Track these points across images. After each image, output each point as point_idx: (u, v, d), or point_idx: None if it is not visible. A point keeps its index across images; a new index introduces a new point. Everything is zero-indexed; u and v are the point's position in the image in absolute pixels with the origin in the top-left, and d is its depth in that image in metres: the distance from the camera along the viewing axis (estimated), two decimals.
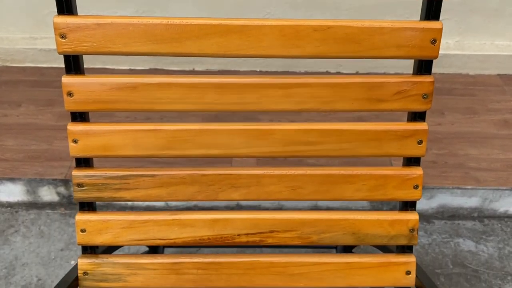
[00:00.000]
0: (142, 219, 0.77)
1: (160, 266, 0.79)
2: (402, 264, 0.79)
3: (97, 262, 0.79)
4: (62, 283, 0.75)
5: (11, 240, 1.48)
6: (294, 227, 0.78)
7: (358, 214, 0.78)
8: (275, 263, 0.79)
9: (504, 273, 1.41)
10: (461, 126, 1.67)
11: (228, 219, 0.78)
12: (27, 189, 1.53)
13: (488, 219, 1.54)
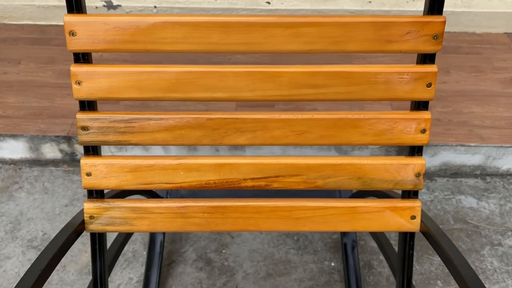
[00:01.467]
0: (147, 163, 0.77)
1: (166, 210, 0.79)
2: (407, 209, 0.79)
3: (103, 206, 0.79)
4: (68, 227, 0.75)
5: (16, 196, 1.49)
6: (299, 172, 0.78)
7: (364, 159, 0.78)
8: (280, 207, 0.79)
9: (505, 228, 1.43)
10: (466, 84, 1.65)
11: (234, 164, 0.78)
12: (29, 146, 1.53)
13: (491, 176, 1.54)
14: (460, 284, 0.66)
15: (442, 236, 0.74)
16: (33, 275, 0.62)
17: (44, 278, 0.65)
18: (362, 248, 1.37)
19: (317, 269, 1.32)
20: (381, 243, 0.99)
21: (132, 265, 1.32)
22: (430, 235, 0.76)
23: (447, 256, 0.70)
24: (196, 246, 1.37)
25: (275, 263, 1.33)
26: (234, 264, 1.33)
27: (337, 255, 1.35)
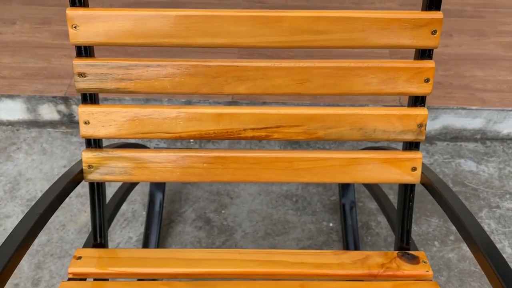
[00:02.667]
0: (146, 112, 0.76)
1: (166, 160, 0.78)
2: (408, 160, 0.79)
3: (102, 155, 0.78)
4: (67, 175, 0.75)
5: (14, 157, 1.49)
6: (300, 122, 0.77)
7: (366, 109, 0.77)
8: (281, 158, 0.79)
9: (503, 191, 1.43)
10: (469, 48, 1.63)
11: (234, 114, 0.76)
12: (27, 106, 1.51)
13: (491, 141, 1.54)
14: (463, 233, 0.66)
15: (444, 187, 0.73)
16: (32, 218, 0.62)
17: (43, 222, 0.64)
18: (360, 210, 1.38)
19: (315, 229, 1.33)
20: (380, 198, 0.99)
21: (131, 224, 1.33)
22: (431, 186, 0.76)
23: (450, 206, 0.70)
24: (196, 207, 1.38)
25: (273, 223, 1.34)
26: (233, 224, 1.34)
27: (335, 216, 1.36)
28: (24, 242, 0.60)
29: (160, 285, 0.75)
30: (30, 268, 1.24)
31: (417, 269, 0.79)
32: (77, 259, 0.79)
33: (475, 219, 0.67)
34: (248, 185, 1.43)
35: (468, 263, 1.27)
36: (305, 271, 0.78)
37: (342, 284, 0.76)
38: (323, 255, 0.81)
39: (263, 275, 0.78)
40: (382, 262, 0.79)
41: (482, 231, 0.64)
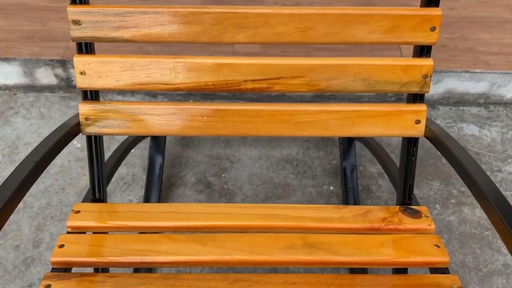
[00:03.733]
0: (144, 62, 0.74)
1: (165, 112, 0.77)
2: (412, 113, 0.77)
3: (99, 107, 0.77)
4: (63, 127, 0.73)
5: (12, 121, 1.47)
6: (302, 73, 0.75)
7: (369, 59, 0.75)
8: (282, 111, 0.77)
9: (505, 155, 1.42)
10: (474, 11, 1.59)
11: (234, 64, 0.74)
12: (23, 70, 1.48)
13: (494, 105, 1.52)
14: (470, 184, 0.65)
15: (449, 139, 0.72)
16: (28, 165, 0.61)
17: (39, 171, 0.63)
18: (361, 173, 1.37)
19: (315, 192, 1.32)
20: (381, 157, 0.98)
21: (131, 187, 1.32)
22: (436, 139, 0.75)
23: (455, 157, 0.68)
24: (196, 170, 1.37)
25: (274, 186, 1.33)
26: (234, 187, 1.33)
27: (336, 180, 1.35)
28: (19, 189, 0.59)
29: (160, 237, 0.74)
30: (31, 230, 1.24)
31: (419, 223, 0.78)
32: (76, 213, 0.78)
33: (483, 171, 0.66)
34: (249, 149, 1.42)
35: (469, 226, 1.27)
36: (305, 225, 0.77)
37: (343, 237, 0.75)
38: (324, 209, 0.80)
39: (263, 229, 0.77)
40: (383, 216, 0.79)
41: (491, 183, 0.63)
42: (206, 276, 0.70)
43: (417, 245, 0.74)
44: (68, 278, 0.69)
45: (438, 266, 0.73)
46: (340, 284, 0.68)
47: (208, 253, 0.72)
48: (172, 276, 0.69)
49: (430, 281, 0.69)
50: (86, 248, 0.72)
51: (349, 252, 0.73)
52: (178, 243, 0.73)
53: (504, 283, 1.18)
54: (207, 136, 0.81)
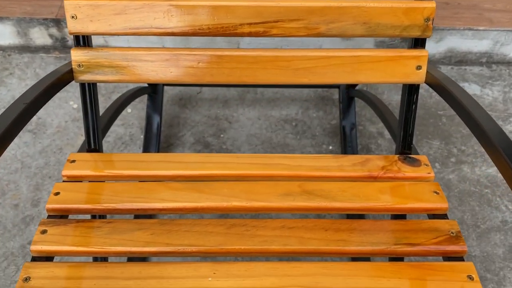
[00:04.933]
0: (136, 5, 0.72)
1: (159, 58, 0.75)
2: (413, 58, 0.75)
3: (92, 53, 0.75)
4: (56, 72, 0.71)
5: (7, 82, 1.45)
6: (301, 16, 0.72)
7: (370, 1, 0.72)
8: (280, 57, 0.75)
9: (507, 114, 1.40)
10: None
11: (230, 6, 0.72)
12: (17, 30, 1.45)
13: (496, 64, 1.50)
14: (476, 131, 0.63)
15: (452, 84, 0.70)
16: (19, 107, 0.59)
17: (29, 114, 0.62)
18: (360, 133, 1.36)
19: (314, 152, 1.31)
20: (380, 108, 0.97)
21: (129, 147, 1.31)
22: (439, 85, 0.73)
23: (459, 102, 0.67)
24: (194, 131, 1.36)
25: (272, 146, 1.32)
26: (232, 147, 1.32)
27: (335, 139, 1.34)
28: (8, 130, 0.57)
29: (157, 185, 0.74)
30: (29, 190, 1.24)
31: (418, 171, 0.77)
32: (71, 162, 0.77)
33: (488, 115, 0.64)
34: (247, 109, 1.40)
35: (468, 184, 1.27)
36: (303, 173, 0.77)
37: (341, 184, 0.74)
38: (323, 158, 0.79)
39: (260, 177, 0.76)
40: (382, 165, 0.78)
41: (497, 127, 0.61)
42: (203, 222, 0.69)
43: (415, 191, 0.73)
44: (64, 224, 0.68)
45: (436, 212, 0.72)
46: (337, 228, 0.68)
47: (205, 200, 0.72)
48: (169, 222, 0.69)
49: (428, 226, 0.69)
50: (82, 195, 0.72)
51: (347, 198, 0.72)
52: (175, 191, 0.73)
53: (502, 239, 1.18)
54: (203, 84, 0.79)
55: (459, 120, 1.39)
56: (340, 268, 0.63)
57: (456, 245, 0.67)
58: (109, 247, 0.65)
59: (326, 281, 0.62)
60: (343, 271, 0.63)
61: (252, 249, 0.66)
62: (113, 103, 0.99)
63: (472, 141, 1.35)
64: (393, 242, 0.67)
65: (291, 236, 0.67)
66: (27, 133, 1.34)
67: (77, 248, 0.65)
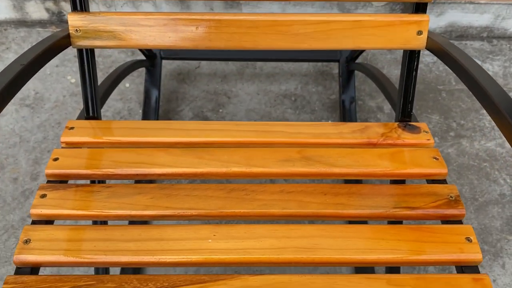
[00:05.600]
0: None
1: (157, 23, 0.74)
2: (414, 23, 0.75)
3: (89, 18, 0.74)
4: (52, 37, 0.70)
5: (4, 57, 1.44)
6: None
7: None
8: (279, 22, 0.74)
9: (507, 89, 1.40)
10: None
11: None
12: (13, 4, 1.43)
13: (497, 39, 1.48)
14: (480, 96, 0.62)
15: (454, 49, 0.69)
16: (15, 68, 0.59)
17: (26, 76, 0.61)
18: (360, 108, 1.35)
19: None
20: (379, 78, 0.96)
21: None
22: (440, 50, 0.72)
23: (462, 66, 0.66)
24: (193, 106, 1.35)
25: (271, 121, 1.32)
26: None
27: (334, 114, 1.34)
28: (5, 91, 0.57)
29: (156, 151, 0.73)
30: (28, 164, 1.24)
31: (418, 138, 0.77)
32: (70, 129, 0.77)
33: (493, 80, 0.63)
34: (246, 84, 1.40)
35: (467, 158, 1.27)
36: (303, 140, 0.76)
37: (340, 150, 0.74)
38: (322, 125, 0.79)
39: (260, 144, 0.76)
40: (382, 132, 0.78)
41: (501, 90, 0.61)
42: (203, 186, 0.69)
43: (415, 157, 0.73)
44: (63, 188, 0.68)
45: (436, 177, 0.72)
46: (336, 193, 0.68)
47: (204, 165, 0.72)
48: (168, 186, 0.69)
49: (427, 190, 0.69)
50: (81, 161, 0.72)
51: (346, 164, 0.72)
52: (174, 156, 0.73)
53: (499, 211, 1.19)
54: (201, 49, 0.78)
55: (459, 95, 1.38)
56: (339, 230, 0.64)
57: (455, 208, 0.67)
58: (108, 210, 0.66)
59: (324, 242, 0.62)
60: (342, 233, 0.63)
61: (252, 213, 0.66)
62: (111, 74, 0.99)
63: (471, 116, 1.35)
64: (392, 206, 0.67)
65: (290, 200, 0.67)
66: (25, 108, 1.34)
67: (77, 212, 0.66)
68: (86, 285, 0.58)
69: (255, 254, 0.61)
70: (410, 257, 0.62)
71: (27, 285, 0.58)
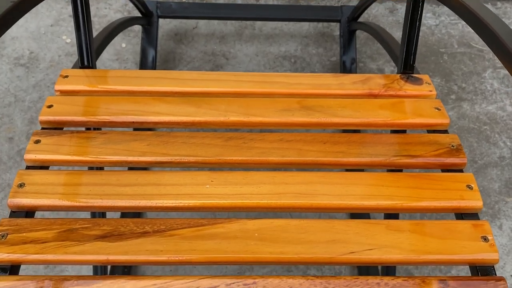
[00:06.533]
0: None
1: None
2: None
3: None
4: None
5: None
6: None
7: None
8: None
9: None
10: None
11: None
12: None
13: (502, 2, 1.45)
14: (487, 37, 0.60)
15: None
16: (6, 4, 0.57)
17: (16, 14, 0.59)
18: (361, 70, 1.33)
19: None
20: (381, 34, 0.94)
21: None
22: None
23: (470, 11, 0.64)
24: (190, 67, 1.33)
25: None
26: None
27: None
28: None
29: (153, 100, 0.72)
30: (23, 123, 1.22)
31: (420, 89, 0.76)
32: (64, 77, 0.75)
33: (500, 19, 0.61)
34: (245, 45, 1.37)
35: (467, 121, 1.26)
36: (303, 91, 0.75)
37: (340, 101, 0.73)
38: (322, 77, 0.78)
39: (259, 95, 0.75)
40: (384, 83, 0.76)
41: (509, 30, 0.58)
42: (200, 134, 0.68)
43: (416, 108, 0.72)
44: (58, 134, 0.67)
45: (437, 128, 0.71)
46: (336, 141, 0.67)
47: (202, 114, 0.70)
48: (165, 134, 0.68)
49: (429, 139, 0.68)
50: (76, 108, 0.70)
51: (347, 114, 0.71)
52: (171, 105, 0.71)
53: (498, 174, 1.19)
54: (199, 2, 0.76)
55: (461, 58, 1.36)
56: (338, 177, 0.63)
57: (456, 157, 0.66)
58: (104, 156, 0.64)
59: (323, 189, 0.62)
60: (341, 179, 0.63)
61: (250, 160, 0.65)
62: (106, 27, 0.96)
63: (473, 79, 1.33)
64: (392, 154, 0.66)
65: (289, 148, 0.66)
66: (20, 67, 1.31)
67: (72, 158, 0.64)
68: (82, 227, 0.57)
69: (253, 199, 0.61)
70: (410, 203, 0.61)
71: (22, 227, 0.57)
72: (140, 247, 0.55)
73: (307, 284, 0.53)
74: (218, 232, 0.57)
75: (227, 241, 0.56)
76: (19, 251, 0.55)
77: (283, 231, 0.58)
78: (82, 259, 0.55)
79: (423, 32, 1.39)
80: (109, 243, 0.56)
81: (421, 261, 0.56)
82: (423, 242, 0.57)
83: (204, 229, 0.57)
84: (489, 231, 0.58)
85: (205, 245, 0.56)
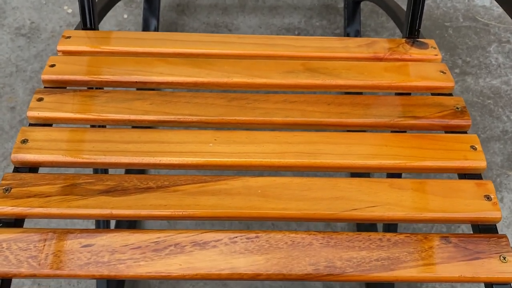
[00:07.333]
0: None
1: None
2: None
3: None
4: None
5: None
6: None
7: None
8: None
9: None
10: None
11: None
12: None
13: None
14: None
15: None
16: None
17: None
18: None
19: None
20: (386, 2, 0.93)
21: None
22: None
23: None
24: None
25: None
26: None
27: None
28: None
29: (156, 60, 0.71)
30: (25, 93, 1.22)
31: (426, 54, 0.75)
32: (66, 38, 0.74)
33: None
34: (248, 17, 1.35)
35: (471, 95, 1.25)
36: (307, 54, 0.74)
37: (345, 63, 0.72)
38: (327, 40, 0.77)
39: (263, 57, 0.74)
40: (389, 47, 0.75)
41: None
42: (204, 94, 0.68)
43: (421, 71, 0.72)
44: (61, 93, 0.67)
45: (442, 91, 0.71)
46: (340, 103, 0.67)
47: (205, 75, 0.70)
48: (169, 93, 0.67)
49: (433, 101, 0.68)
50: (79, 67, 0.70)
51: (351, 76, 0.70)
52: (174, 66, 0.71)
53: (501, 147, 1.18)
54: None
55: (466, 32, 1.35)
56: (341, 137, 0.63)
57: (461, 119, 0.66)
58: (107, 114, 0.64)
59: (327, 148, 0.61)
60: (344, 139, 0.62)
61: (254, 120, 0.65)
62: None
63: (477, 53, 1.32)
64: (396, 115, 0.66)
65: (293, 109, 0.66)
66: (21, 37, 1.30)
67: (75, 115, 0.64)
68: (85, 182, 0.57)
69: (256, 157, 0.61)
70: (413, 163, 0.61)
71: (25, 181, 0.57)
72: (143, 201, 0.56)
73: (310, 238, 0.53)
74: (221, 188, 0.57)
75: (231, 197, 0.56)
76: (23, 204, 0.55)
77: (286, 188, 0.58)
78: (86, 213, 0.55)
79: (428, 6, 1.38)
80: (113, 197, 0.56)
81: (424, 219, 0.56)
82: (426, 200, 0.57)
83: (207, 185, 0.57)
84: (492, 190, 0.58)
85: (208, 200, 0.56)
